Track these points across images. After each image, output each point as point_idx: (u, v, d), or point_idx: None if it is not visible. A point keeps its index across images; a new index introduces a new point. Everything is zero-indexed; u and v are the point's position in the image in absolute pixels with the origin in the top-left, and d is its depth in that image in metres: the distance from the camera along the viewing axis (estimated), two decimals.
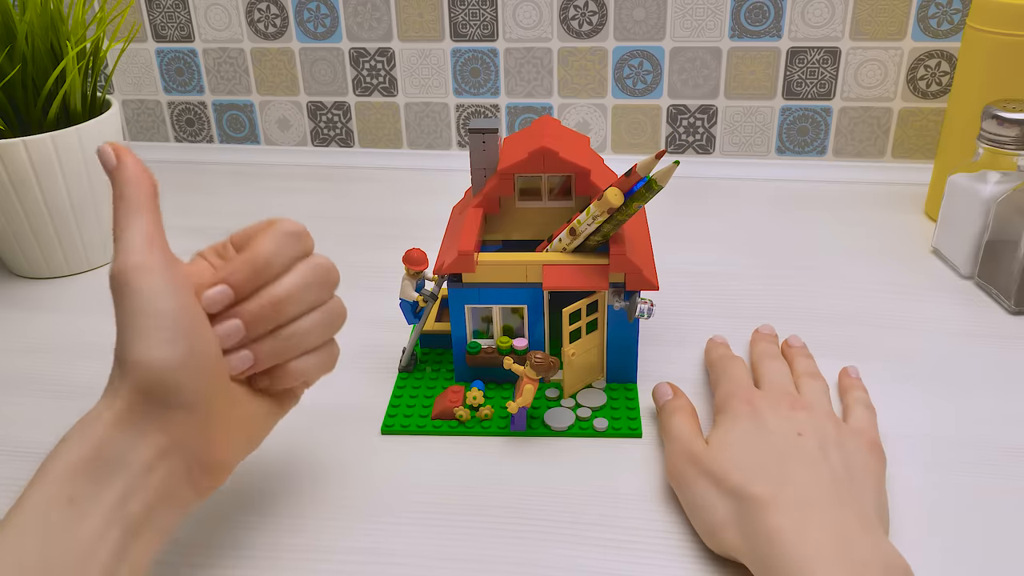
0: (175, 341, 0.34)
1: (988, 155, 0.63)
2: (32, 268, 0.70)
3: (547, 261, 0.50)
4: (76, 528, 0.33)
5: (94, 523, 0.33)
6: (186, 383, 0.35)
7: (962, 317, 0.61)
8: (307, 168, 0.92)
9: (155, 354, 0.34)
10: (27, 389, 0.56)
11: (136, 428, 0.34)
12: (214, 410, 0.36)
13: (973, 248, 0.64)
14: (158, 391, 0.34)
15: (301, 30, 0.89)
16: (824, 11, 0.81)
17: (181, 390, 0.35)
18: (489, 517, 0.44)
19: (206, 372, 0.35)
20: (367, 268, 0.70)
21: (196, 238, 0.77)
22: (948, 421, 0.50)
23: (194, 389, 0.35)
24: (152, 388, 0.34)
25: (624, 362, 0.53)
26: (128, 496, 0.34)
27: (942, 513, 0.43)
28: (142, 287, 0.34)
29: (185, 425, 0.35)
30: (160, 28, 0.92)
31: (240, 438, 0.38)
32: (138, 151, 0.97)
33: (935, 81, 0.82)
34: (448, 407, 0.51)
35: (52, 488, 0.33)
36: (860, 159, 0.87)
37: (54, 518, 0.32)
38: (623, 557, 0.41)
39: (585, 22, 0.85)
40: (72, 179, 0.66)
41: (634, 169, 0.46)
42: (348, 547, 0.42)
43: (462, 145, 0.93)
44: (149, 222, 0.36)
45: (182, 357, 0.34)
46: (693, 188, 0.84)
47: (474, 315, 0.53)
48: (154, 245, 0.36)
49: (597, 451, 0.48)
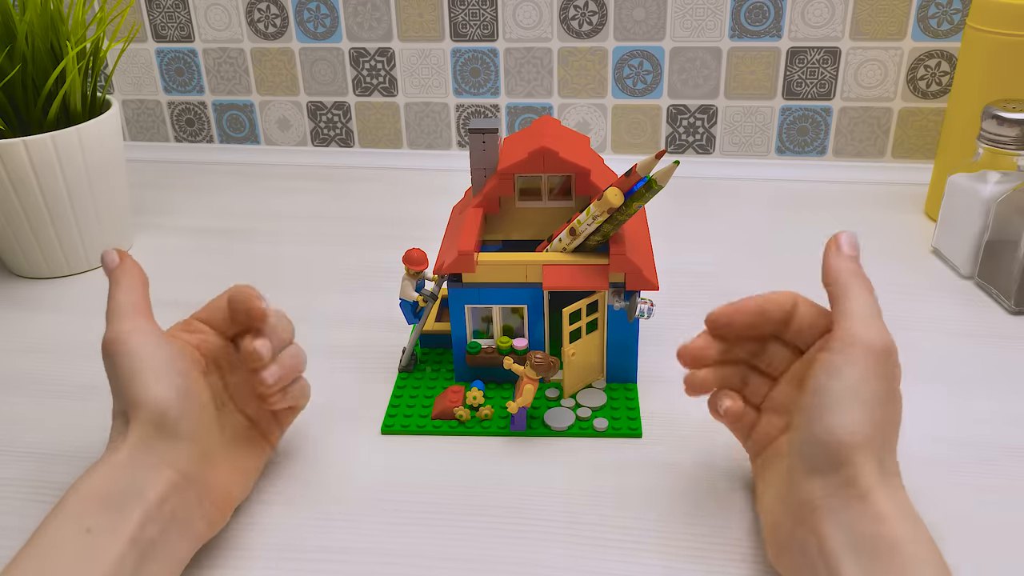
0: (171, 382, 0.40)
1: (988, 155, 0.63)
2: (32, 268, 0.70)
3: (547, 261, 0.50)
4: (95, 557, 0.35)
5: (113, 552, 0.35)
6: (185, 415, 0.40)
7: (962, 317, 0.61)
8: (307, 168, 0.92)
9: (158, 393, 0.39)
10: (27, 389, 0.56)
11: (148, 462, 0.39)
12: (211, 440, 0.42)
13: (973, 248, 0.64)
14: (165, 424, 0.39)
15: (301, 30, 0.89)
16: (824, 11, 0.81)
17: (180, 421, 0.40)
18: (489, 517, 0.44)
19: (199, 407, 0.41)
20: (367, 268, 0.70)
21: (196, 238, 0.77)
22: (948, 421, 0.50)
23: (192, 419, 0.41)
24: (159, 422, 0.39)
25: (624, 362, 0.53)
26: (144, 525, 0.37)
27: (942, 513, 0.43)
28: (135, 345, 0.40)
29: (190, 458, 0.40)
30: (160, 28, 0.92)
31: (237, 474, 0.43)
32: (138, 151, 0.97)
33: (935, 81, 0.82)
34: (448, 407, 0.51)
35: (70, 520, 0.36)
36: (860, 159, 0.87)
37: (73, 548, 0.35)
38: (623, 557, 0.41)
39: (585, 22, 0.85)
40: (72, 179, 0.66)
41: (634, 169, 0.46)
42: (348, 547, 0.42)
43: (462, 145, 0.93)
44: (137, 297, 0.43)
45: (178, 395, 0.40)
46: (693, 188, 0.84)
47: (474, 315, 0.53)
48: (140, 313, 0.42)
49: (597, 451, 0.48)
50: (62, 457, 0.49)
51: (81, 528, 0.35)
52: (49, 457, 0.49)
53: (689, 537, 0.42)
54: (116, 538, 0.36)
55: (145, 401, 0.39)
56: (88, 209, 0.69)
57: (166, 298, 0.67)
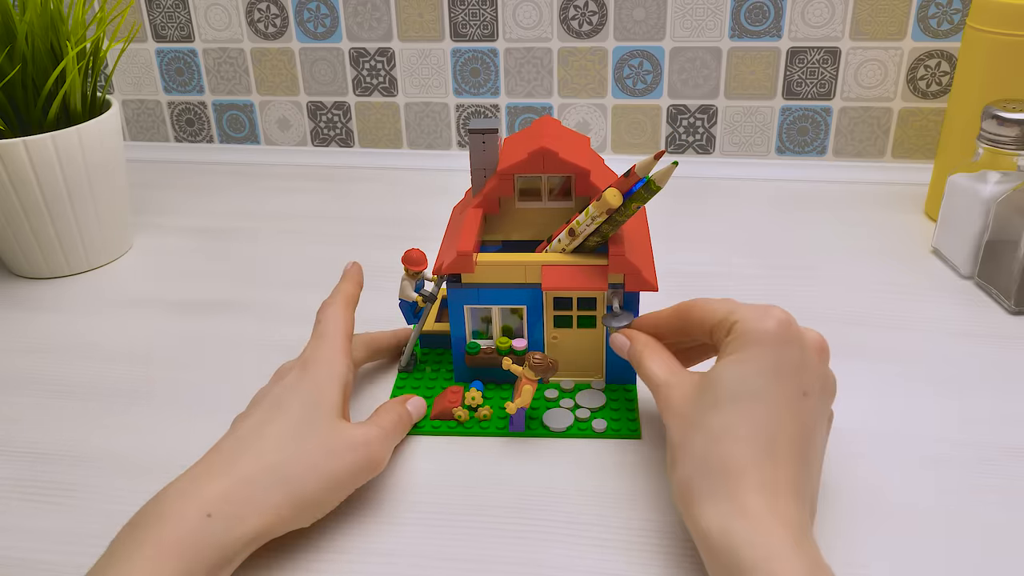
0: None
1: (988, 155, 0.63)
2: (32, 268, 0.70)
3: (546, 262, 0.50)
4: None
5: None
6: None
7: (962, 317, 0.61)
8: (307, 168, 0.92)
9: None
10: (27, 389, 0.56)
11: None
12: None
13: (973, 248, 0.64)
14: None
15: (301, 30, 0.89)
16: (824, 11, 0.81)
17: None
18: (489, 517, 0.44)
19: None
20: (367, 268, 0.70)
21: (196, 238, 0.77)
22: (948, 421, 0.50)
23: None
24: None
25: (623, 363, 0.53)
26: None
27: (941, 513, 0.43)
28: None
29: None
30: (160, 28, 0.92)
31: None
32: (138, 151, 0.97)
33: (935, 81, 0.82)
34: (447, 407, 0.51)
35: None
36: (860, 159, 0.87)
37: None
38: (622, 557, 0.41)
39: (585, 22, 0.84)
40: (72, 179, 0.66)
41: (633, 170, 0.46)
42: (348, 547, 0.42)
43: (462, 145, 0.93)
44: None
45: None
46: (693, 188, 0.84)
47: (473, 315, 0.53)
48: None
49: (596, 452, 0.48)
50: (62, 457, 0.49)
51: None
52: (48, 457, 0.49)
53: (688, 538, 0.42)
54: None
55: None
56: (88, 209, 0.69)
57: (166, 298, 0.67)
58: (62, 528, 0.44)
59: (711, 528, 0.36)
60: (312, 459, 0.41)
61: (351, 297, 0.51)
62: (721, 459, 0.37)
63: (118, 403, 0.54)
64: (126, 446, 0.50)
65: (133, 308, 0.65)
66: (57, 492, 0.47)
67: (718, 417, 0.38)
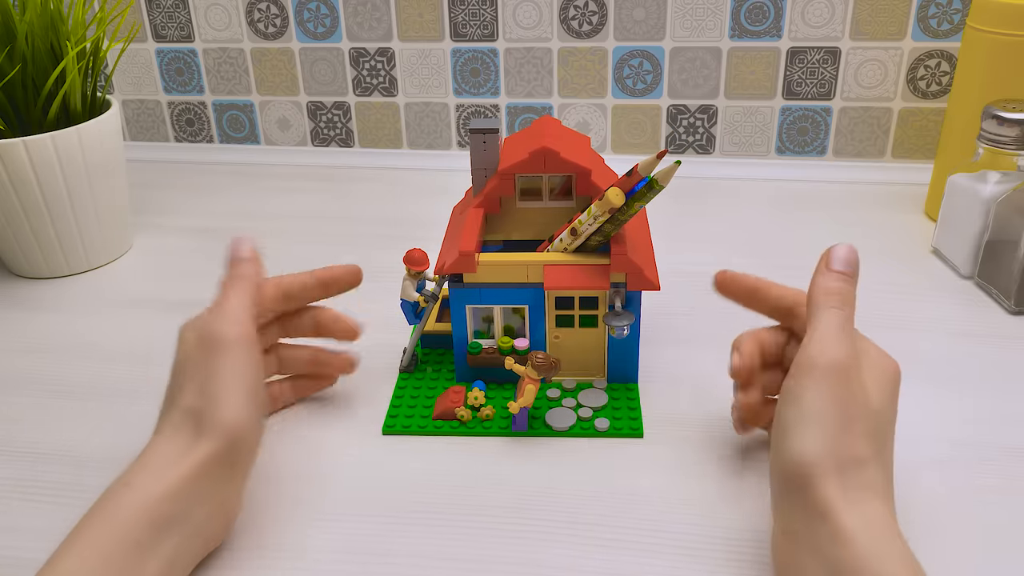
0: (256, 407, 0.41)
1: (988, 155, 0.63)
2: (32, 268, 0.70)
3: (548, 261, 0.50)
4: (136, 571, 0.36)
5: (151, 568, 0.36)
6: (253, 445, 0.41)
7: (962, 317, 0.61)
8: (307, 168, 0.92)
9: (243, 417, 0.39)
10: (27, 389, 0.56)
11: (207, 487, 0.39)
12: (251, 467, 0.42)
13: (973, 248, 0.64)
14: (237, 450, 0.39)
15: (301, 30, 0.89)
16: (824, 11, 0.81)
17: (249, 453, 0.41)
18: (489, 517, 0.44)
19: (260, 432, 0.42)
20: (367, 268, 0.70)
21: (196, 238, 0.77)
22: (948, 421, 0.50)
23: (255, 450, 0.41)
24: (232, 447, 0.39)
25: (625, 362, 0.53)
26: (181, 545, 0.38)
27: (942, 513, 0.43)
28: (241, 356, 0.41)
29: (234, 485, 0.40)
30: (160, 28, 0.92)
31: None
32: (138, 151, 0.97)
33: (935, 81, 0.82)
34: (449, 407, 0.51)
35: (122, 530, 0.36)
36: (860, 159, 0.87)
37: (120, 560, 0.35)
38: (623, 557, 0.41)
39: (585, 22, 0.85)
40: (72, 179, 0.66)
41: (635, 169, 0.46)
42: (348, 547, 0.42)
43: (462, 145, 0.93)
44: (251, 302, 0.44)
45: (256, 423, 0.41)
46: (693, 188, 0.84)
47: (475, 315, 0.53)
48: (251, 320, 0.43)
49: (598, 451, 0.48)
50: (61, 457, 0.49)
51: (131, 540, 0.36)
52: (47, 457, 0.49)
53: (691, 537, 0.42)
54: (157, 554, 0.36)
55: (230, 420, 0.39)
56: (88, 209, 0.69)
57: (166, 298, 0.67)
58: (62, 528, 0.44)
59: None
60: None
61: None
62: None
63: (118, 403, 0.54)
64: (126, 446, 0.50)
65: (133, 308, 0.65)
66: (57, 492, 0.47)
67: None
